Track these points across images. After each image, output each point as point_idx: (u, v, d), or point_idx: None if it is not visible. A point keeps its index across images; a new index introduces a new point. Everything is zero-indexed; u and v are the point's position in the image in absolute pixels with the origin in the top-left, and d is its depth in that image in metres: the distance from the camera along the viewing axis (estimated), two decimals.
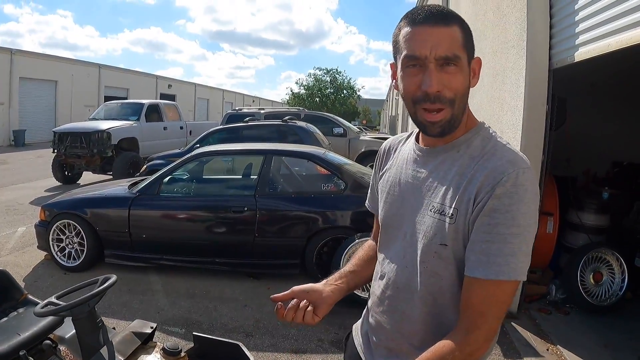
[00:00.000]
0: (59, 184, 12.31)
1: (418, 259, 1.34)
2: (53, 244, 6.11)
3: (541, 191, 4.78)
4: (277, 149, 6.45)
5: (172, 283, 5.76)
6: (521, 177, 1.19)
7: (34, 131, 24.62)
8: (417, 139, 1.47)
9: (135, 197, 5.92)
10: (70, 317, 2.27)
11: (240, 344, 2.32)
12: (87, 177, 12.95)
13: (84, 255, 6.01)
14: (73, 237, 6.04)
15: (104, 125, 11.85)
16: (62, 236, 6.08)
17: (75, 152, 11.58)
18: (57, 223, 6.05)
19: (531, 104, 4.79)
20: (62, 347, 2.76)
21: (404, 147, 1.53)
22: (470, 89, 1.35)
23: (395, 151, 1.58)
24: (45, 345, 2.60)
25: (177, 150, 10.57)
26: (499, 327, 1.27)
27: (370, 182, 1.72)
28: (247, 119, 10.76)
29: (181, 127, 14.61)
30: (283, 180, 6.23)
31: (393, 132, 31.63)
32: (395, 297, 1.44)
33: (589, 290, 5.09)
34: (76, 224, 5.97)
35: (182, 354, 2.28)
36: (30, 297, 2.95)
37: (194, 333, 2.43)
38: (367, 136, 15.26)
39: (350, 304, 5.18)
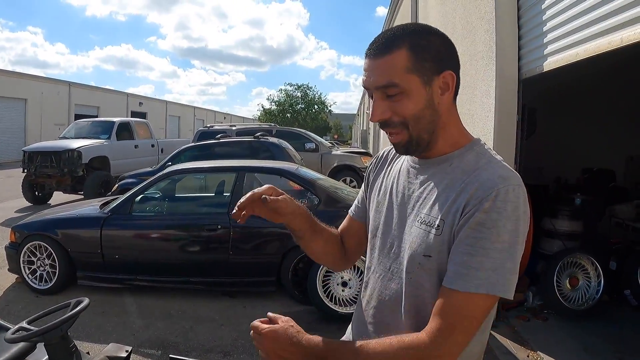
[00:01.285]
0: (30, 204, 12.05)
1: (403, 269, 1.34)
2: (24, 267, 5.94)
3: None
4: (249, 165, 6.43)
5: (147, 304, 5.66)
6: (511, 194, 1.18)
7: (3, 150, 24.17)
8: None
9: (107, 217, 5.81)
10: (43, 343, 2.22)
11: None
12: (58, 197, 12.66)
13: (56, 278, 5.86)
14: (44, 259, 5.89)
15: (75, 144, 11.67)
16: (33, 258, 5.92)
17: (45, 172, 11.36)
18: (28, 245, 5.89)
19: (502, 114, 4.85)
20: None
21: (400, 158, 1.54)
22: (455, 101, 1.38)
23: (390, 161, 1.59)
24: None
25: (149, 169, 10.42)
26: (465, 344, 1.21)
27: (361, 189, 1.72)
28: (219, 135, 10.68)
29: (152, 145, 14.46)
30: None
31: (365, 145, 31.83)
32: (379, 309, 1.43)
33: (565, 296, 5.15)
34: (47, 246, 5.82)
35: None
36: (0, 322, 2.87)
37: (170, 355, 2.37)
38: (339, 151, 15.29)
39: (329, 321, 5.23)
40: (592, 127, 7.13)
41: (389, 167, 1.56)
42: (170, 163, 9.58)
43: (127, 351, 2.40)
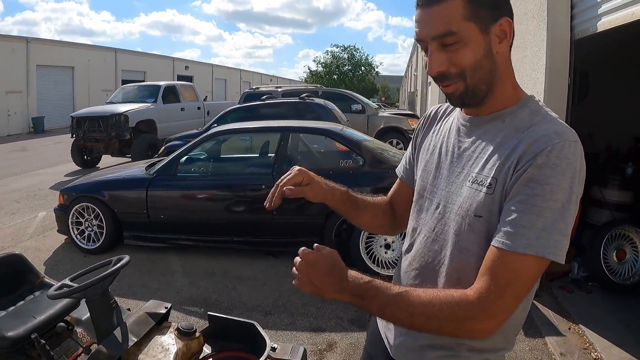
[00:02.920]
0: (79, 168, 12.47)
1: (450, 231, 1.29)
2: (72, 227, 6.19)
3: None
4: (294, 125, 6.40)
5: (191, 263, 5.81)
6: (567, 150, 1.11)
7: (52, 118, 24.91)
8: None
9: (153, 178, 5.96)
10: (84, 299, 2.28)
11: (256, 324, 2.29)
12: (106, 160, 13.09)
13: (103, 238, 6.09)
14: (92, 219, 6.12)
15: (122, 108, 11.92)
16: (81, 219, 6.17)
17: (93, 136, 11.68)
18: (76, 206, 6.12)
19: (552, 77, 4.64)
20: (78, 330, 2.80)
21: (450, 116, 1.49)
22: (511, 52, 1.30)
23: (440, 119, 1.53)
24: (60, 327, 2.62)
25: (195, 131, 10.59)
26: (513, 309, 1.15)
27: (408, 148, 1.67)
28: (264, 97, 10.67)
29: (198, 108, 14.62)
30: (301, 157, 6.20)
31: (412, 108, 31.33)
32: (421, 272, 1.39)
33: (612, 269, 4.97)
34: (95, 207, 6.04)
35: (197, 334, 2.27)
36: (46, 279, 2.97)
37: (208, 313, 2.41)
38: (385, 112, 15.09)
39: None
40: None
41: (438, 126, 1.51)
42: (215, 125, 9.69)
43: (166, 308, 2.44)
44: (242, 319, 2.34)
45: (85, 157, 12.45)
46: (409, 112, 18.51)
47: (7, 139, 19.41)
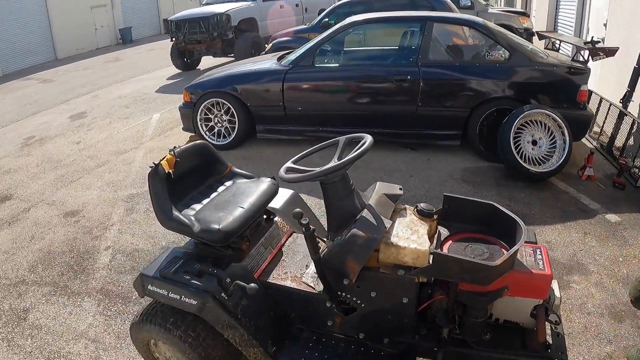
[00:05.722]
0: (179, 71, 12.66)
1: None
2: (201, 124, 6.31)
3: None
4: (436, 15, 6.09)
5: (330, 155, 5.80)
6: None
7: (139, 28, 25.18)
8: None
9: (289, 69, 5.91)
10: (319, 182, 2.21)
11: (496, 204, 2.21)
12: (206, 62, 13.23)
13: (235, 133, 6.21)
14: (222, 115, 6.22)
15: (222, 8, 11.81)
16: (210, 115, 6.28)
17: (195, 38, 11.70)
18: (205, 103, 6.21)
19: None
20: (277, 219, 2.85)
21: None
22: None
23: None
24: (263, 218, 2.72)
25: (304, 26, 10.45)
26: None
27: None
28: None
29: (297, 5, 14.32)
30: (444, 49, 5.95)
31: (511, 5, 29.46)
32: None
33: None
34: (226, 102, 6.11)
35: (435, 217, 2.26)
36: (235, 169, 2.93)
37: (445, 194, 2.34)
38: (495, 9, 14.31)
39: (517, 179, 5.17)
40: None
41: None
42: (327, 19, 9.49)
43: (400, 189, 2.43)
44: (480, 200, 2.28)
45: (185, 59, 12.56)
46: (520, 10, 17.46)
47: (97, 52, 19.88)
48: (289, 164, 2.35)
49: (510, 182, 5.21)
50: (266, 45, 10.75)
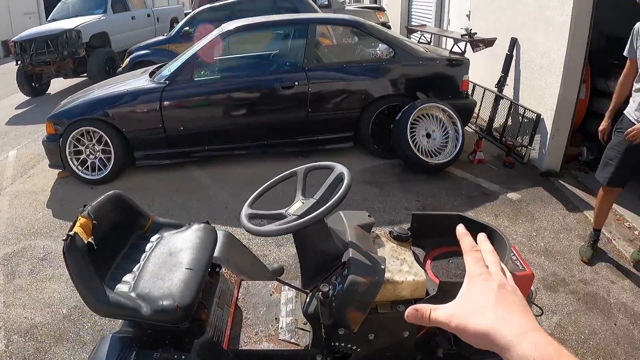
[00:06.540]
0: (28, 98, 11.53)
1: None
2: (71, 158, 5.66)
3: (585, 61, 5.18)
4: (318, 17, 6.10)
5: (221, 174, 5.56)
6: None
7: None
8: None
9: (166, 86, 5.47)
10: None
11: (462, 214, 2.15)
12: (56, 85, 12.13)
13: (111, 164, 5.62)
14: (94, 145, 5.63)
15: (71, 23, 10.91)
16: (80, 147, 5.63)
17: (43, 59, 10.67)
18: (73, 133, 5.54)
19: None
20: (222, 271, 2.48)
21: None
22: None
23: None
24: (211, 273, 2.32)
25: (162, 37, 9.90)
26: None
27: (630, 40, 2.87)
28: None
29: (148, 15, 13.62)
30: (329, 50, 5.90)
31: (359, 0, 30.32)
32: None
33: None
34: (97, 130, 5.52)
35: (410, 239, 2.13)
36: (159, 219, 2.48)
37: (413, 213, 2.24)
38: (352, 6, 14.74)
39: (416, 172, 5.23)
40: None
41: None
42: (187, 27, 9.09)
43: (369, 216, 2.24)
44: (446, 212, 2.19)
45: (33, 84, 11.47)
46: (375, 5, 18.05)
47: None
48: (247, 209, 2.06)
49: (411, 177, 5.31)
50: (121, 63, 10.09)
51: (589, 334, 3.15)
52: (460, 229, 0.83)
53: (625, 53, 3.61)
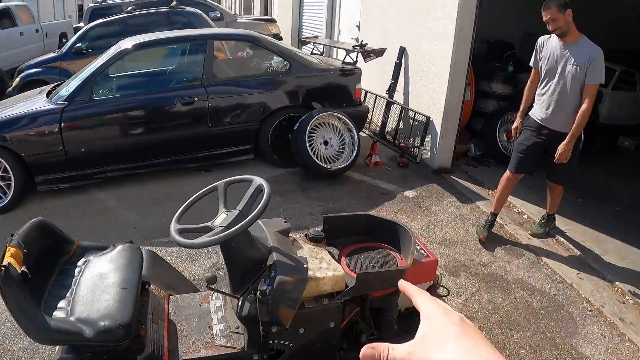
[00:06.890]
0: None
1: (568, 85, 3.88)
2: None
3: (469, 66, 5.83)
4: (217, 33, 6.25)
5: (126, 195, 5.54)
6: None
7: None
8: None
9: (65, 107, 5.38)
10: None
11: (369, 213, 2.50)
12: None
13: (12, 191, 5.40)
14: None
15: None
16: None
17: None
18: None
19: None
20: (150, 288, 2.55)
21: (550, 40, 4.00)
22: None
23: (545, 43, 4.07)
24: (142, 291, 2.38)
25: (53, 54, 9.54)
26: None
27: (535, 52, 4.16)
28: (130, 8, 9.85)
29: (37, 30, 13.05)
30: (226, 65, 6.06)
31: (248, 12, 30.40)
32: (556, 101, 3.94)
33: (503, 146, 6.48)
34: None
35: (324, 240, 2.38)
36: (83, 242, 2.52)
37: (324, 215, 2.52)
38: (244, 19, 14.85)
39: (317, 179, 5.54)
40: None
41: (547, 45, 4.03)
42: (80, 44, 8.85)
43: (285, 221, 2.48)
44: (354, 213, 2.47)
45: None
46: (268, 17, 18.26)
47: None
48: (176, 225, 2.19)
49: (312, 184, 5.57)
50: (11, 82, 9.67)
51: (493, 309, 3.61)
52: (401, 284, 0.84)
53: (530, 64, 4.30)
